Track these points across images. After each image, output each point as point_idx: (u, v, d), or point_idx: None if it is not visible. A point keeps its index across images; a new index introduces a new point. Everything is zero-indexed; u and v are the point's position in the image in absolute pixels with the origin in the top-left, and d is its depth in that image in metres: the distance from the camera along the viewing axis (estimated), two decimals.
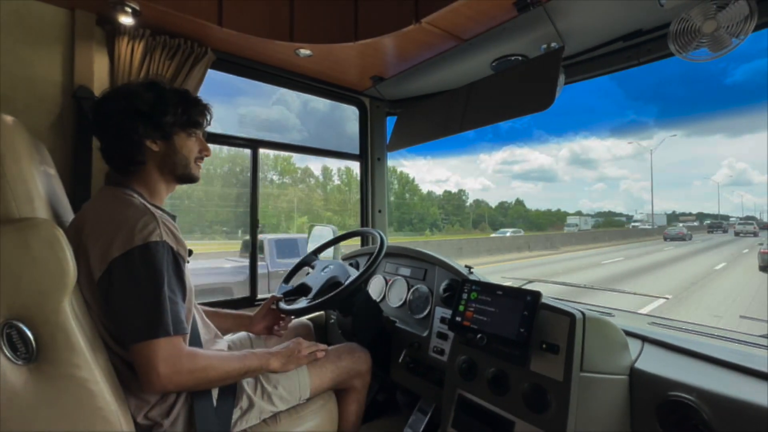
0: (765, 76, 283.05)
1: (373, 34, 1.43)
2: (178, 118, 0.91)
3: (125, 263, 0.74)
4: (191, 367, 0.78)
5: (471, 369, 1.01)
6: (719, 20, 1.00)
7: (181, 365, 0.76)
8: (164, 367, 0.73)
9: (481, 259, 13.52)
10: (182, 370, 0.76)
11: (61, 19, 1.26)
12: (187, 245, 0.86)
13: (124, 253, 0.74)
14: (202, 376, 0.80)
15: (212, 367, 0.82)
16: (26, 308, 0.66)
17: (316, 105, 39.55)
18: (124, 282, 0.74)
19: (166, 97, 0.90)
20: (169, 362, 0.74)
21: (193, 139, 0.96)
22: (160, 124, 0.89)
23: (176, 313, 0.77)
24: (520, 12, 1.21)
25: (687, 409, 0.77)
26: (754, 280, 8.70)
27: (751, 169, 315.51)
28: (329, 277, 1.27)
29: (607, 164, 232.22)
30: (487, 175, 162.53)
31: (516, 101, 1.40)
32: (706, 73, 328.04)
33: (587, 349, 0.84)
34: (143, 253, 0.75)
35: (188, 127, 0.94)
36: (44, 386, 0.67)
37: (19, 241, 0.66)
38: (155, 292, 0.75)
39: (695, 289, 7.68)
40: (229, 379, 0.88)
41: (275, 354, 0.96)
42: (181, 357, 0.77)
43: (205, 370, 0.81)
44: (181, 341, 0.78)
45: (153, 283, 0.75)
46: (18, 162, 0.72)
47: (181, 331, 0.78)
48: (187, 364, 0.77)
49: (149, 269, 0.75)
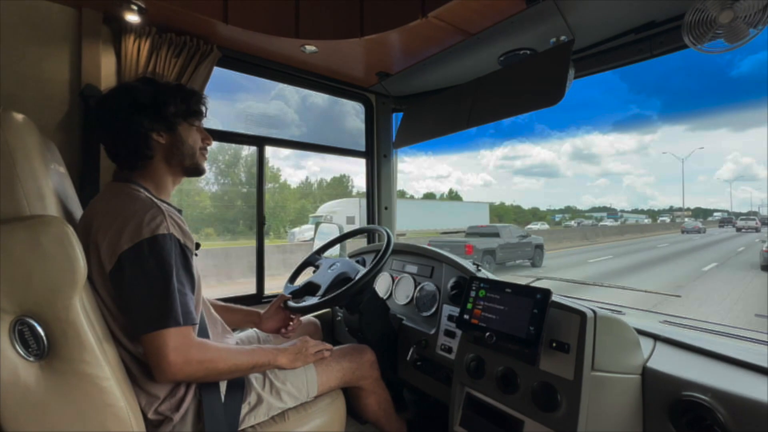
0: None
1: (378, 29, 1.41)
2: (180, 108, 0.93)
3: (134, 256, 0.75)
4: (201, 358, 0.79)
5: (479, 367, 1.00)
6: (736, 10, 0.97)
7: (191, 355, 0.77)
8: (174, 356, 0.75)
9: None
10: (192, 360, 0.77)
11: (68, 17, 1.27)
12: (194, 239, 0.87)
13: (133, 245, 0.75)
14: (211, 366, 0.81)
15: (221, 359, 0.83)
16: (37, 305, 0.66)
17: (315, 100, 39.39)
18: (134, 273, 0.75)
19: (164, 89, 0.92)
20: (179, 351, 0.75)
21: (195, 129, 0.98)
22: (164, 116, 0.90)
23: (185, 304, 0.78)
24: (528, 5, 1.19)
25: (701, 409, 0.75)
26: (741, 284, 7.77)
27: (757, 164, 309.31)
28: (339, 273, 1.27)
29: (609, 159, 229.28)
30: (488, 171, 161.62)
31: (525, 96, 1.37)
32: (711, 65, 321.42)
33: (598, 347, 0.82)
34: (152, 245, 0.76)
35: (189, 117, 0.95)
36: (55, 382, 0.67)
37: (30, 238, 0.66)
38: (164, 283, 0.76)
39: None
40: (238, 372, 0.88)
41: (283, 351, 0.96)
42: (191, 347, 0.78)
43: (214, 362, 0.82)
44: (191, 331, 0.79)
45: (162, 274, 0.76)
46: (29, 160, 0.72)
47: (191, 321, 0.79)
48: (196, 354, 0.78)
49: (158, 261, 0.76)
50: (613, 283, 6.63)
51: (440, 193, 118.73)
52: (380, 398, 1.20)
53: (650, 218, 65.08)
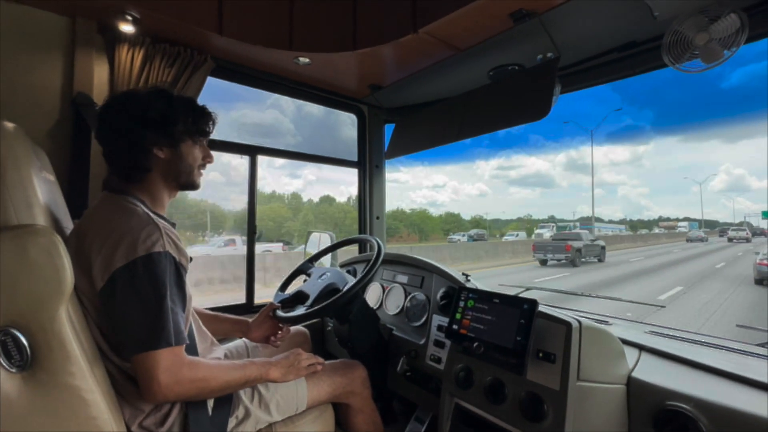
0: (761, 80, 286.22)
1: (371, 43, 1.45)
2: (188, 127, 0.92)
3: (128, 273, 0.74)
4: (192, 377, 0.78)
5: (468, 377, 1.00)
6: (711, 32, 1.02)
7: (182, 375, 0.76)
8: (165, 377, 0.74)
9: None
10: (183, 380, 0.76)
11: (62, 26, 1.27)
12: (188, 254, 0.86)
13: (128, 263, 0.74)
14: (202, 385, 0.80)
15: (213, 377, 0.82)
16: (22, 315, 0.66)
17: (310, 110, 39.12)
18: (126, 292, 0.74)
19: (176, 105, 0.91)
20: (170, 372, 0.74)
21: (198, 147, 0.97)
22: (170, 133, 0.89)
23: (177, 324, 0.77)
24: (516, 23, 1.23)
25: (685, 418, 0.77)
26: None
27: (749, 176, 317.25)
28: (327, 284, 1.26)
29: (604, 170, 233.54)
30: (484, 181, 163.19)
31: (513, 110, 1.41)
32: (701, 77, 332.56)
33: (584, 357, 0.84)
34: (146, 263, 0.75)
35: (195, 135, 0.95)
36: (38, 394, 0.66)
37: (16, 247, 0.66)
38: (158, 303, 0.75)
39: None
40: (230, 388, 0.87)
41: (275, 364, 0.95)
42: (182, 367, 0.77)
43: (206, 380, 0.81)
44: (182, 351, 0.78)
45: (156, 294, 0.75)
46: (18, 168, 0.72)
47: (182, 341, 0.78)
48: (188, 373, 0.77)
49: (152, 280, 0.75)
50: (601, 293, 6.94)
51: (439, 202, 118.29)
52: (368, 418, 1.18)
53: (630, 229, 65.66)
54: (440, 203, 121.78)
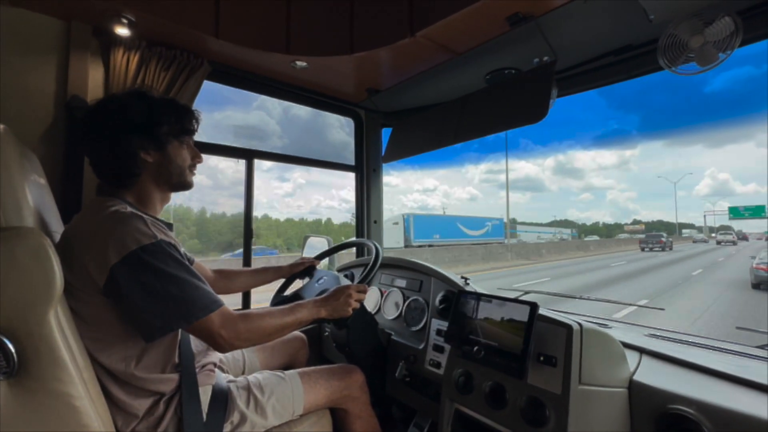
0: (743, 84, 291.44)
1: (368, 46, 1.45)
2: (173, 127, 0.91)
3: (133, 262, 0.74)
4: (248, 327, 0.85)
5: (468, 382, 0.99)
6: (706, 35, 1.03)
7: (238, 329, 0.83)
8: (225, 332, 0.81)
9: None
10: (241, 332, 0.83)
11: (56, 29, 1.26)
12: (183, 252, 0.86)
13: (127, 254, 0.74)
14: (260, 333, 0.88)
15: (268, 324, 0.89)
16: (9, 320, 0.64)
17: (298, 112, 38.41)
18: (148, 276, 0.75)
19: (158, 106, 0.90)
20: (227, 328, 0.81)
21: (185, 147, 0.96)
22: (155, 135, 0.88)
23: (204, 292, 0.80)
24: (512, 27, 1.23)
25: (687, 422, 0.76)
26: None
27: (733, 180, 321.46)
28: (324, 289, 1.25)
29: (592, 174, 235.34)
30: (474, 185, 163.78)
31: (510, 113, 1.41)
32: (685, 82, 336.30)
33: (585, 361, 0.83)
34: (150, 251, 0.76)
35: (181, 135, 0.94)
36: (26, 401, 0.64)
37: (4, 250, 0.64)
38: (185, 276, 0.78)
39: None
40: (287, 329, 0.93)
41: (324, 305, 1.02)
42: (236, 322, 0.83)
43: (261, 328, 0.87)
44: (227, 309, 0.84)
45: (180, 270, 0.78)
46: (7, 170, 0.70)
47: (220, 302, 0.82)
48: (242, 326, 0.84)
49: (164, 262, 0.77)
50: (598, 296, 6.96)
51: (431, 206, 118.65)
52: (366, 424, 1.16)
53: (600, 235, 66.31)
54: (431, 207, 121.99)
